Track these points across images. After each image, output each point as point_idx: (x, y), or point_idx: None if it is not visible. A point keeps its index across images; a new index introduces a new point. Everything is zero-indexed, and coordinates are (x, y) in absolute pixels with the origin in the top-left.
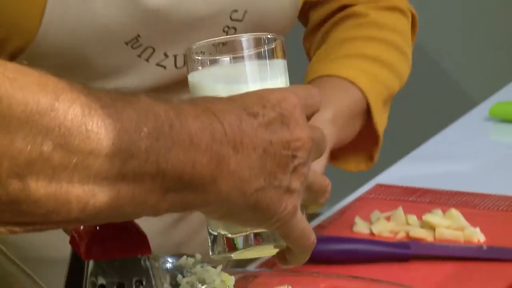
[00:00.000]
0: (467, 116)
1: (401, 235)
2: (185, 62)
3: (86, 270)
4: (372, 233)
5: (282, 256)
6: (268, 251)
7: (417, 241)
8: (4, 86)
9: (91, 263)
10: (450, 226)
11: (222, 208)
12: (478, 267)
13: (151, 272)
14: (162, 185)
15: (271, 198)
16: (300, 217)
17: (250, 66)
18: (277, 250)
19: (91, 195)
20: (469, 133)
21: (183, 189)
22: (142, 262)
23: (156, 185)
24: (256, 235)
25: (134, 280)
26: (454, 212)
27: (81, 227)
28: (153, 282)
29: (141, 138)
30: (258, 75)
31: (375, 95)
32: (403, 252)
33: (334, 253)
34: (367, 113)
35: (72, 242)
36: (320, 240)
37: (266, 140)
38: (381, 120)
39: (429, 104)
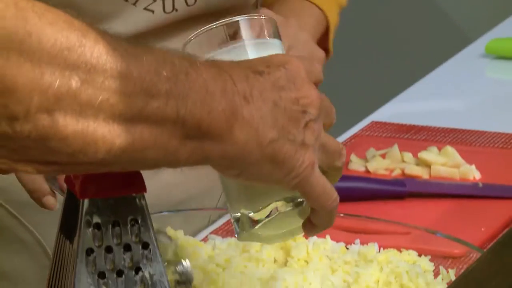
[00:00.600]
0: (462, 52)
1: (396, 173)
2: None
3: (81, 209)
4: (367, 171)
5: (308, 224)
6: (294, 225)
7: (412, 179)
8: (33, 21)
9: (86, 202)
10: (446, 164)
11: (241, 162)
12: (474, 205)
13: (146, 211)
14: (182, 131)
15: (286, 151)
16: (319, 174)
17: (250, 49)
18: (301, 227)
19: (116, 135)
20: (465, 70)
21: (201, 137)
22: (137, 200)
23: (177, 130)
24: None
25: (129, 218)
26: (449, 149)
27: None
28: (148, 221)
29: (161, 81)
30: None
31: (333, 15)
32: (399, 190)
33: None
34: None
35: (67, 181)
36: None
37: (274, 95)
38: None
39: (424, 40)
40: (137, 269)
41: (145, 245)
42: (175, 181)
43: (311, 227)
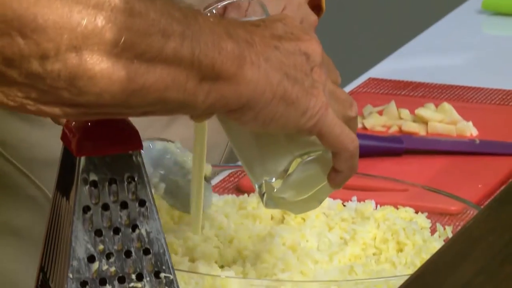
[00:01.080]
0: (459, 9)
1: (393, 129)
2: None
3: (78, 166)
4: (364, 128)
5: (332, 174)
6: (318, 183)
7: (409, 135)
8: None
9: (82, 159)
10: (443, 120)
11: (255, 103)
12: (471, 161)
13: (142, 168)
14: (198, 71)
15: (298, 91)
16: (335, 117)
17: None
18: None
19: (140, 74)
20: (461, 26)
21: (216, 78)
22: (133, 158)
23: (193, 71)
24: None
25: (126, 176)
26: (446, 106)
27: (73, 123)
28: (145, 178)
29: (174, 22)
30: None
31: None
32: (396, 147)
33: None
34: None
35: (64, 138)
36: None
37: (275, 42)
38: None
39: None
40: (134, 227)
41: (142, 203)
42: (183, 137)
43: (335, 176)
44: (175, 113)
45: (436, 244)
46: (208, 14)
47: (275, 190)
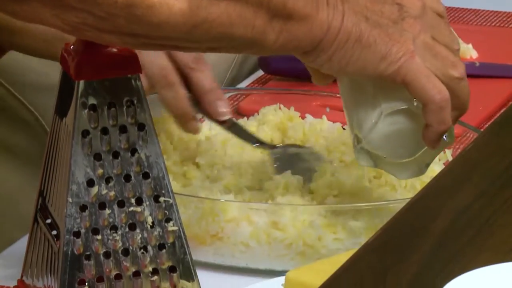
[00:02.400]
0: None
1: None
2: None
3: (77, 90)
4: None
5: (423, 131)
6: (408, 138)
7: None
8: None
9: (81, 83)
10: None
11: (328, 44)
12: (470, 84)
13: (142, 92)
14: (268, 9)
15: (377, 35)
16: (423, 66)
17: None
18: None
19: (203, 7)
20: None
21: (287, 18)
22: (132, 81)
23: (262, 8)
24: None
25: (124, 99)
26: None
27: (71, 47)
28: (144, 102)
29: None
30: None
31: None
32: None
33: None
34: None
35: (63, 62)
36: None
37: None
38: None
39: None
40: (133, 151)
41: (141, 127)
42: None
43: (426, 131)
44: (244, 51)
45: (436, 167)
46: None
47: (363, 142)
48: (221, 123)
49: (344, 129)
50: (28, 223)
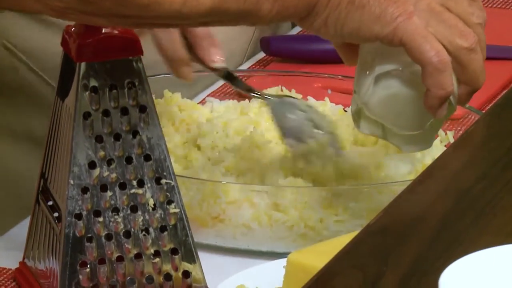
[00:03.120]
0: None
1: None
2: None
3: (78, 72)
4: None
5: (425, 95)
6: (408, 104)
7: None
8: None
9: (83, 65)
10: None
11: (322, 6)
12: None
13: (143, 74)
14: None
15: None
16: (421, 27)
17: None
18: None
19: None
20: None
21: None
22: (134, 63)
23: None
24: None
25: (126, 81)
26: None
27: (72, 28)
28: (146, 84)
29: None
30: None
31: None
32: None
33: (327, 52)
34: None
35: (64, 44)
36: (313, 39)
37: None
38: None
39: None
40: (135, 133)
41: (143, 109)
42: None
43: (425, 97)
44: (239, 23)
45: (437, 150)
46: None
47: (364, 109)
48: (214, 70)
49: (345, 111)
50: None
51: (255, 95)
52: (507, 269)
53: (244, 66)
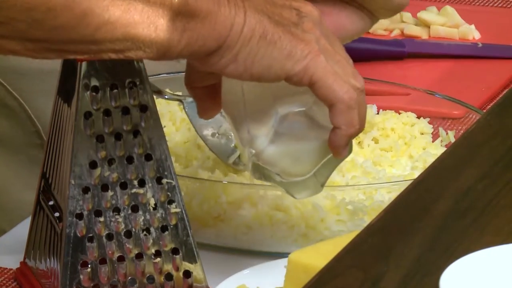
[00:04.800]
0: None
1: (395, 33)
2: None
3: (79, 72)
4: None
5: (330, 134)
6: (306, 147)
7: (411, 39)
8: None
9: (83, 64)
10: (445, 23)
11: (232, 42)
12: (473, 65)
13: (144, 73)
14: (170, 8)
15: (281, 32)
16: (329, 65)
17: None
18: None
19: (106, 9)
20: None
21: (191, 16)
22: (135, 63)
23: (165, 7)
24: None
25: (127, 81)
26: (449, 9)
27: None
28: (147, 84)
29: None
30: None
31: None
32: (398, 50)
33: None
34: None
35: None
36: None
37: None
38: None
39: None
40: (136, 132)
41: (144, 108)
42: None
43: (333, 135)
44: (147, 48)
45: (438, 149)
46: None
47: (255, 157)
48: None
49: None
50: (11, 213)
51: (172, 97)
52: (508, 268)
53: None
